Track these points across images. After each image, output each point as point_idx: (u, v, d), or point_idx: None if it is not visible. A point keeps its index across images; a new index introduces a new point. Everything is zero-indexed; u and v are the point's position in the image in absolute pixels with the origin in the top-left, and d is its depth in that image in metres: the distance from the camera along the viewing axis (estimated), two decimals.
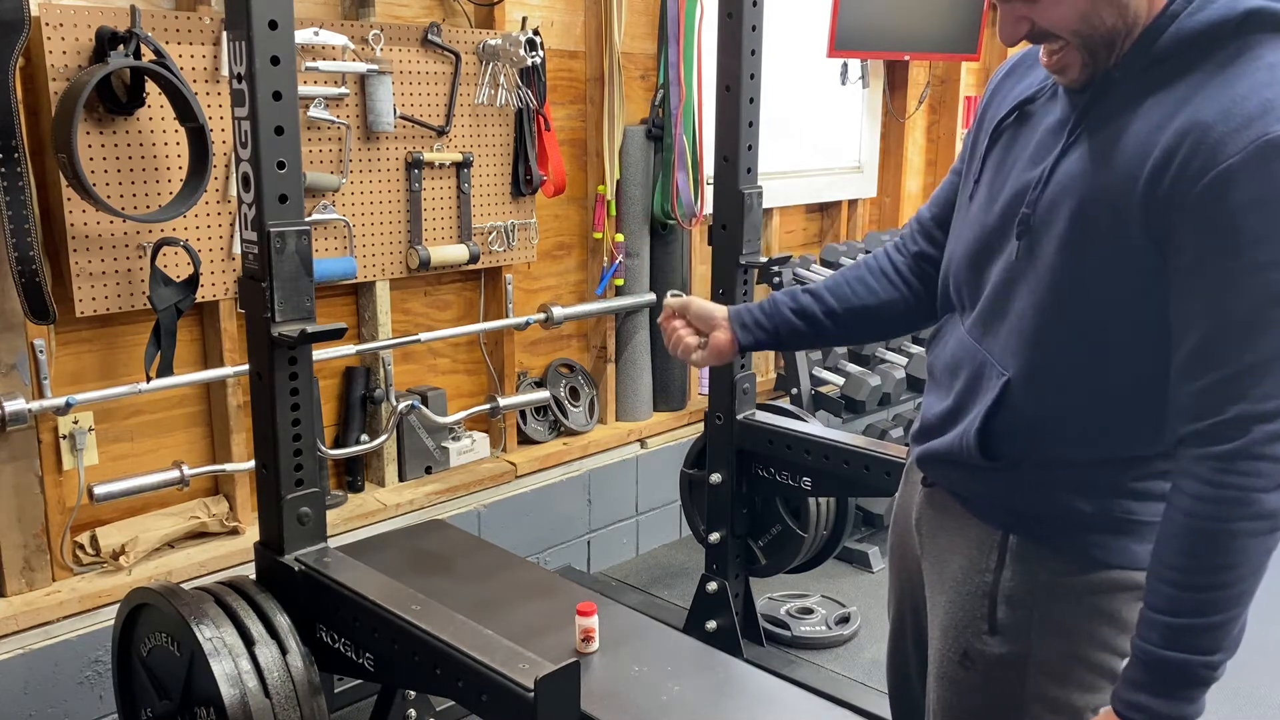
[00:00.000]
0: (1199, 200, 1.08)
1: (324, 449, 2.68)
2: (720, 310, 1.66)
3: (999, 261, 1.29)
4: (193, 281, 2.30)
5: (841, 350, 3.91)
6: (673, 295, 1.83)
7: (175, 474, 2.43)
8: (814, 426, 2.70)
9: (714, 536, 2.77)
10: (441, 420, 2.98)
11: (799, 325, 1.59)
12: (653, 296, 3.45)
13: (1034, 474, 1.29)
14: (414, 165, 2.80)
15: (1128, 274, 1.16)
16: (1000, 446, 1.29)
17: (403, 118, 2.73)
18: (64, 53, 2.17)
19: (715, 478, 2.74)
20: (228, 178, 2.43)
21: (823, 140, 4.21)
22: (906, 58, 4.22)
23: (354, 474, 2.90)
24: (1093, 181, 1.17)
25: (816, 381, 3.79)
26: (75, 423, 2.35)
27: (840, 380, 3.81)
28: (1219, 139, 1.07)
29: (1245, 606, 1.13)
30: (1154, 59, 1.15)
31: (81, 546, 2.41)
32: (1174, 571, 1.13)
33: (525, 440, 3.30)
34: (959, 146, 1.35)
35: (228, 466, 2.56)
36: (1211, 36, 1.12)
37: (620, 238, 3.35)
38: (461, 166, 2.90)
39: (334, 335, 1.79)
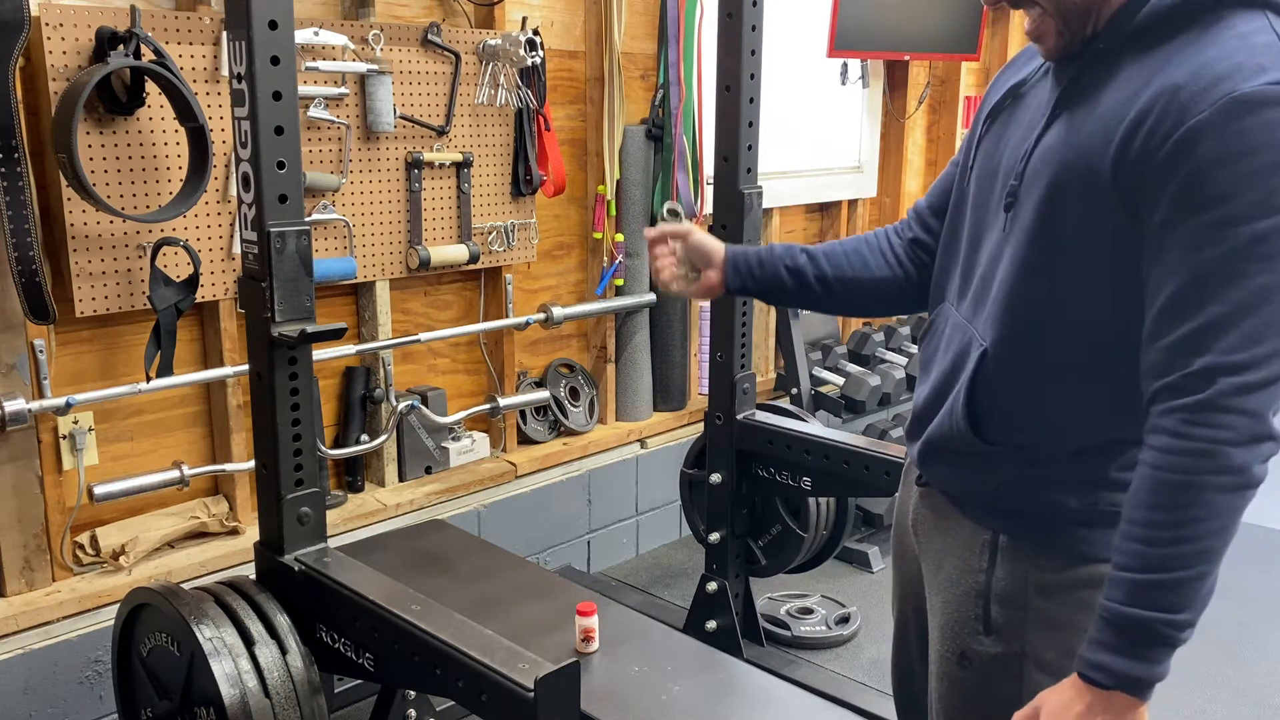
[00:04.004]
0: (1168, 158, 1.10)
1: (324, 449, 2.68)
2: (718, 250, 1.65)
3: (991, 239, 1.31)
4: (193, 281, 2.30)
5: (841, 350, 3.92)
6: (670, 211, 1.79)
7: (175, 474, 2.43)
8: (814, 426, 2.70)
9: (714, 536, 2.77)
10: (441, 420, 2.98)
11: (789, 284, 1.60)
12: (653, 297, 3.45)
13: (1020, 470, 1.29)
14: (414, 165, 2.80)
15: (1101, 242, 1.18)
16: (986, 423, 1.30)
17: (403, 118, 2.73)
18: (64, 53, 2.17)
19: (715, 478, 2.74)
20: (228, 178, 2.43)
21: (823, 140, 4.21)
22: (906, 58, 4.22)
23: (354, 474, 2.90)
24: (1070, 149, 1.19)
25: (816, 381, 3.79)
26: (75, 423, 2.35)
27: (840, 380, 3.81)
28: (1188, 98, 1.09)
29: (1213, 565, 1.11)
30: (1133, 33, 1.18)
31: (81, 546, 2.41)
32: (1140, 527, 1.13)
33: (525, 440, 3.30)
34: (959, 146, 1.37)
35: (228, 466, 2.56)
36: (1187, 10, 1.15)
37: (620, 238, 3.35)
38: (461, 166, 2.90)
39: (334, 335, 1.80)
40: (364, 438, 2.85)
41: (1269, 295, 1.07)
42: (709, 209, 3.22)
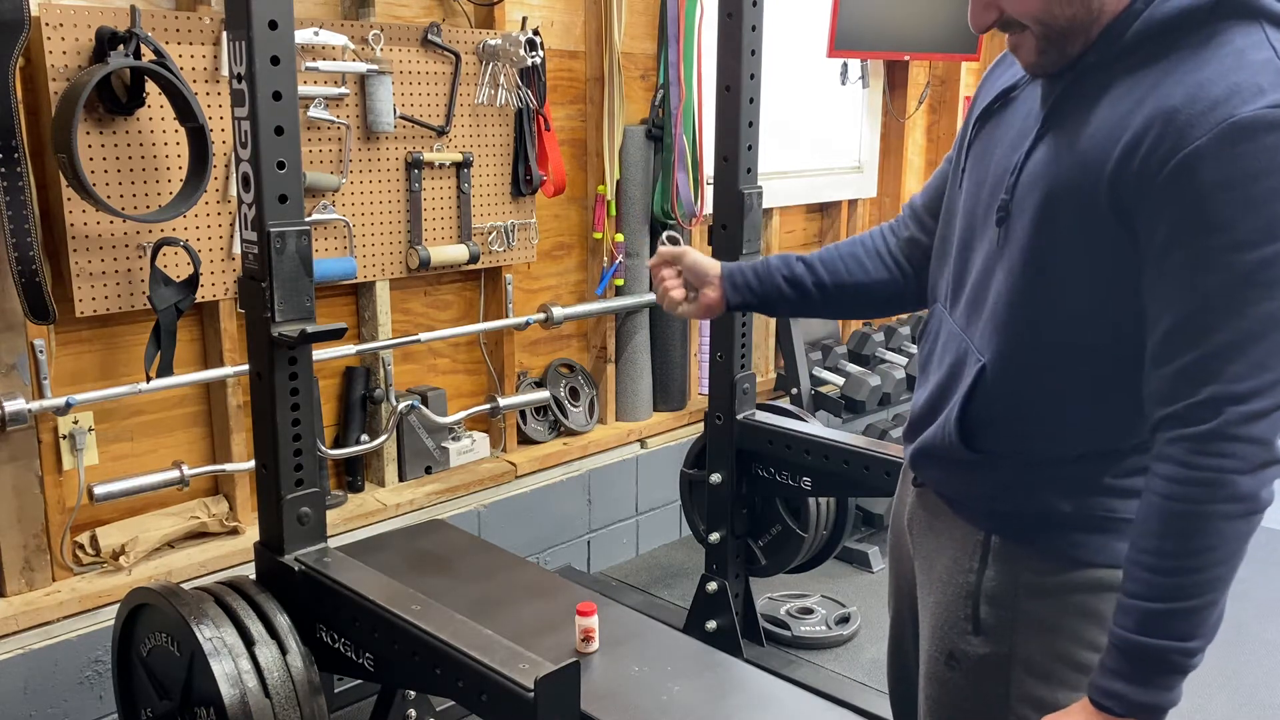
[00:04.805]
0: (1167, 184, 1.08)
1: (324, 449, 2.68)
2: (714, 268, 1.66)
3: (982, 248, 1.30)
4: (193, 281, 2.30)
5: (841, 350, 3.92)
6: (668, 237, 1.80)
7: (175, 474, 2.43)
8: (814, 426, 2.70)
9: (714, 536, 2.77)
10: (441, 420, 2.98)
11: (788, 293, 1.61)
12: (653, 297, 3.43)
13: (1015, 474, 1.29)
14: (414, 165, 2.80)
15: (1098, 260, 1.17)
16: (980, 436, 1.30)
17: (403, 118, 2.73)
18: (64, 53, 2.17)
19: (715, 478, 2.74)
20: (228, 178, 2.43)
21: (823, 140, 4.21)
22: (906, 58, 4.22)
23: (354, 474, 2.90)
24: (1063, 167, 1.18)
25: (816, 381, 3.79)
26: (75, 423, 2.35)
27: (840, 380, 3.81)
28: (1185, 122, 1.07)
29: (1222, 592, 1.12)
30: (1126, 47, 1.16)
31: (81, 546, 2.41)
32: (1150, 556, 1.12)
33: (525, 440, 3.31)
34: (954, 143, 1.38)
35: (228, 466, 2.56)
36: (1182, 24, 1.13)
37: (620, 238, 3.35)
38: (461, 166, 2.90)
39: (334, 335, 1.80)
40: (364, 438, 2.85)
41: (1273, 323, 1.07)
42: (709, 209, 3.22)
